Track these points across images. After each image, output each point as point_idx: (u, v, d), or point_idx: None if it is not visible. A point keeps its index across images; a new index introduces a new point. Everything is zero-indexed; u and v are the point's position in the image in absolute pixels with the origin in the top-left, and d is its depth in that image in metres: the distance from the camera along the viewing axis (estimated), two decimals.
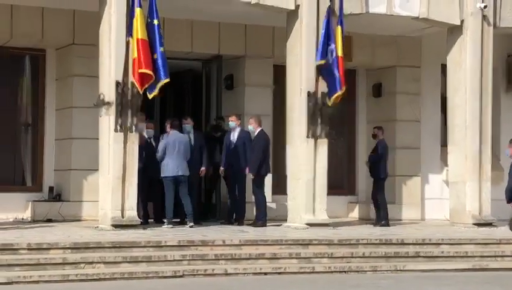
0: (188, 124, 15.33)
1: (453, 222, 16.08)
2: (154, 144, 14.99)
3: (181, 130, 15.07)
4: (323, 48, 14.62)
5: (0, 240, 11.50)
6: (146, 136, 14.94)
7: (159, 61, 13.52)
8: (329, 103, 14.75)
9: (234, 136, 15.47)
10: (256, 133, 15.30)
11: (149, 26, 13.60)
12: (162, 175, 14.53)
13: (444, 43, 16.51)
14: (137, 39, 13.33)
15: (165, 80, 13.59)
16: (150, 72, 13.39)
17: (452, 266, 12.84)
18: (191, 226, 14.32)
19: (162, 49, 13.59)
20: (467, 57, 16.01)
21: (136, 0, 13.43)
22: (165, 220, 14.51)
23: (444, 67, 17.04)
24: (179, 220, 14.88)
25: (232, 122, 15.53)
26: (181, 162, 14.50)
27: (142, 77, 13.44)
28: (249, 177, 15.22)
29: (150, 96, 13.73)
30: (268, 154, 15.41)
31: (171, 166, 14.46)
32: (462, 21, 16.02)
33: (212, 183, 16.43)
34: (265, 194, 15.37)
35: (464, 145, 15.98)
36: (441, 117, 18.13)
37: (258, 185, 15.16)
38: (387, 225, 15.76)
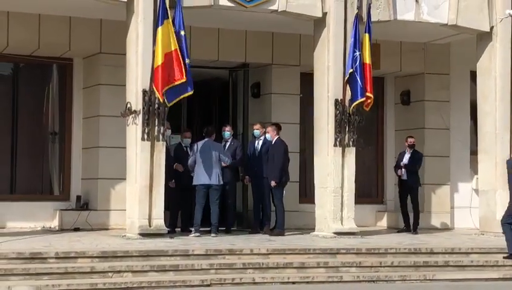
0: (227, 132, 15.46)
1: (483, 231, 15.91)
2: (189, 152, 14.92)
3: (220, 137, 15.22)
4: (353, 56, 14.53)
5: (28, 249, 11.56)
6: (183, 145, 14.90)
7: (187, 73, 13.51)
8: (349, 110, 14.64)
9: (258, 144, 15.43)
10: (273, 142, 15.21)
11: (177, 37, 13.58)
12: (193, 183, 14.57)
13: (473, 49, 16.37)
14: (173, 51, 13.28)
15: (190, 92, 13.56)
16: (184, 80, 13.36)
17: (482, 276, 12.70)
18: (213, 236, 14.24)
19: (188, 60, 13.56)
20: (497, 63, 15.87)
21: (162, 11, 13.42)
22: (193, 229, 14.47)
23: (473, 74, 16.90)
24: (209, 229, 14.81)
25: (257, 130, 15.50)
26: (211, 170, 14.46)
27: (162, 83, 13.37)
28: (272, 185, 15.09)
29: (169, 104, 13.64)
30: (287, 162, 15.27)
31: (201, 174, 14.46)
32: (491, 27, 15.88)
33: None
34: (283, 203, 15.20)
35: (494, 153, 15.82)
36: (471, 125, 17.98)
37: (277, 194, 15.07)
38: None
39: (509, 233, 13.34)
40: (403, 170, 16.24)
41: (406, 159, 16.30)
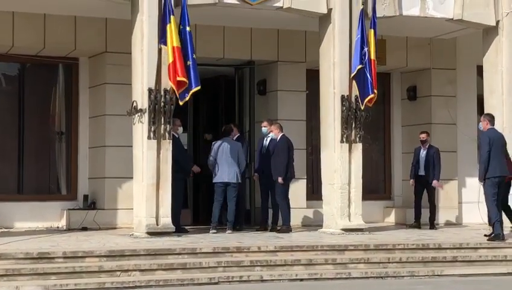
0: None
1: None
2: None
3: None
4: (361, 52, 14.48)
5: (36, 249, 11.56)
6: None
7: (192, 69, 13.50)
8: (362, 106, 14.61)
9: (267, 141, 15.41)
10: (278, 139, 15.19)
11: (182, 33, 13.59)
12: (213, 181, 14.80)
13: (479, 44, 16.31)
14: (173, 47, 13.31)
15: (196, 88, 13.56)
16: (185, 79, 13.39)
17: (491, 271, 12.66)
18: (229, 233, 14.38)
19: (194, 56, 13.56)
20: (503, 57, 15.80)
21: (169, 8, 13.42)
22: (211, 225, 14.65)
23: (479, 68, 16.84)
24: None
25: (265, 128, 15.49)
26: (231, 168, 14.68)
27: (178, 83, 13.42)
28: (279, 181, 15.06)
29: (181, 102, 13.69)
30: (292, 159, 15.22)
31: (221, 172, 14.67)
32: (497, 22, 15.81)
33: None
34: (288, 198, 15.17)
35: None
36: (478, 119, 17.89)
37: (282, 190, 15.04)
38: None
39: (497, 211, 13.69)
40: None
41: (422, 157, 16.33)
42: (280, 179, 14.89)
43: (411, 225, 16.41)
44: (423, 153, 16.41)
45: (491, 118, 14.20)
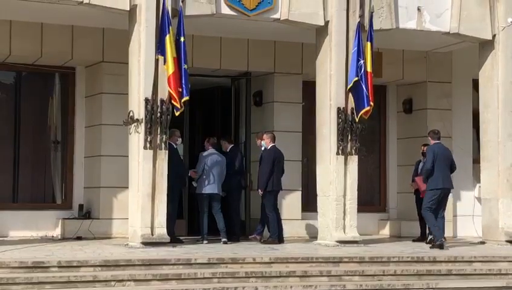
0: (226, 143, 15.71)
1: (486, 239, 15.87)
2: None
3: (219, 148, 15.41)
4: (357, 64, 14.50)
5: (30, 258, 11.53)
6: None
7: (183, 79, 13.52)
8: (357, 119, 14.63)
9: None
10: (268, 149, 15.15)
11: (176, 43, 13.62)
12: (197, 191, 14.82)
13: (475, 58, 16.36)
14: (174, 58, 13.35)
15: (185, 98, 13.55)
16: (180, 89, 13.43)
17: (485, 284, 12.64)
18: (224, 242, 14.42)
19: (185, 66, 13.58)
20: (499, 71, 15.85)
21: (167, 19, 13.44)
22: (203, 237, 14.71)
23: (475, 82, 16.90)
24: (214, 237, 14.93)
25: (260, 140, 15.47)
26: (218, 180, 14.80)
27: (178, 94, 13.46)
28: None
29: (177, 113, 13.71)
30: (278, 170, 15.02)
31: (208, 184, 14.76)
32: (493, 36, 15.86)
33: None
34: (276, 210, 15.12)
35: (497, 161, 15.79)
36: (473, 133, 17.97)
37: (267, 201, 14.98)
38: None
39: (433, 219, 14.46)
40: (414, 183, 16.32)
41: (419, 170, 16.31)
42: (260, 191, 14.88)
43: (416, 239, 16.26)
44: (421, 165, 16.40)
45: (434, 134, 15.06)
